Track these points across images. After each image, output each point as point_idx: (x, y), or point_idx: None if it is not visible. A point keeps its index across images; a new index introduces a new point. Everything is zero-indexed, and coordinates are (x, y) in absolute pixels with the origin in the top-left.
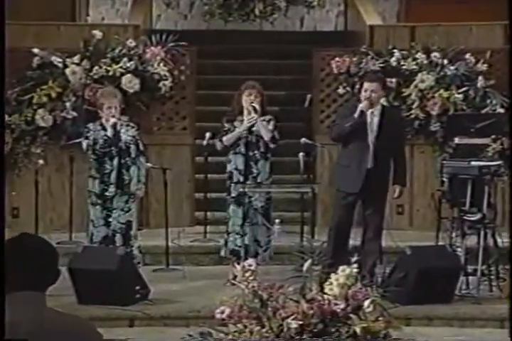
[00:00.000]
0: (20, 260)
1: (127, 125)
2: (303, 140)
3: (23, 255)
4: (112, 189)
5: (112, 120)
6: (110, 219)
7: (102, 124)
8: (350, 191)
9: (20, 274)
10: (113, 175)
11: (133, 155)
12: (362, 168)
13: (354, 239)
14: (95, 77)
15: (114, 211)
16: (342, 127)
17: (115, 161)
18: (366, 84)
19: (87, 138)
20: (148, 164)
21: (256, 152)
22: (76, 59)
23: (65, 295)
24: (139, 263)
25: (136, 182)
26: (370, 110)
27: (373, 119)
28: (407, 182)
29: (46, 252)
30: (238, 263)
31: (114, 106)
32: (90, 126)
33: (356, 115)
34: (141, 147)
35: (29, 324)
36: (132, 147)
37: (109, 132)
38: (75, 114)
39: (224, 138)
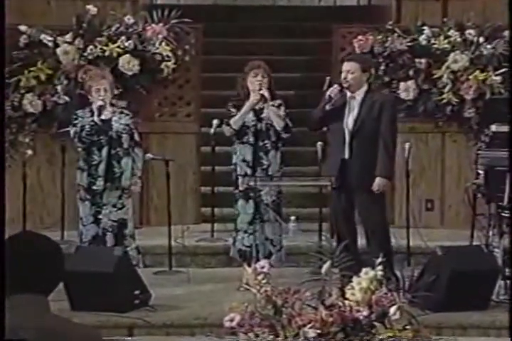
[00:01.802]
0: (21, 260)
1: (121, 112)
2: None
3: (25, 254)
4: (99, 182)
5: (99, 103)
6: (100, 216)
7: (91, 110)
8: (331, 185)
9: (21, 275)
10: (101, 167)
11: (125, 146)
12: (337, 158)
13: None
14: (89, 57)
15: (105, 207)
16: (312, 113)
17: (104, 151)
18: (343, 65)
19: (74, 125)
20: (149, 155)
21: (266, 142)
22: (68, 37)
23: (56, 301)
24: (135, 265)
25: (130, 176)
26: (352, 94)
27: (353, 104)
28: (390, 174)
29: (51, 252)
30: (248, 265)
31: (103, 88)
32: (79, 112)
33: (326, 101)
34: (136, 137)
35: (28, 331)
36: (124, 136)
37: (96, 116)
38: (67, 98)
39: (231, 121)
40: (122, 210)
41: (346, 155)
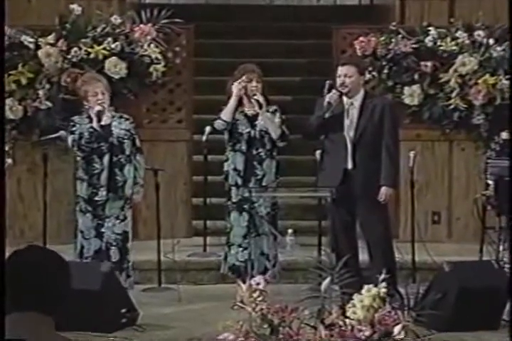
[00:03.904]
0: (26, 276)
1: (120, 117)
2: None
3: (29, 270)
4: (102, 192)
5: (97, 108)
6: (103, 230)
7: (89, 116)
8: (328, 197)
9: (25, 292)
10: (103, 176)
11: (127, 152)
12: (338, 168)
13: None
14: (73, 60)
15: (107, 219)
16: (309, 123)
17: (105, 159)
18: (339, 69)
19: (72, 132)
20: None
21: (260, 150)
22: (51, 39)
23: None
24: (134, 283)
25: (132, 185)
26: (349, 100)
27: (352, 111)
28: (396, 183)
29: (57, 268)
30: (243, 282)
31: (101, 91)
32: (76, 118)
33: (325, 108)
34: (138, 143)
35: None
36: (126, 142)
37: (95, 122)
38: (49, 104)
39: (221, 114)
40: (125, 222)
41: (349, 165)
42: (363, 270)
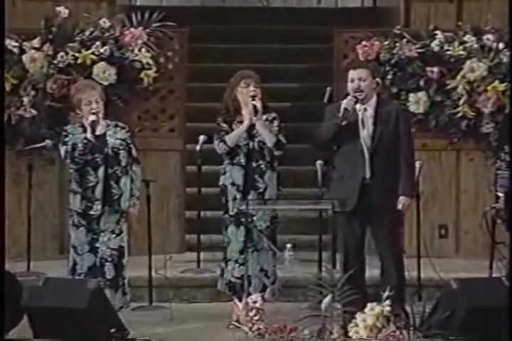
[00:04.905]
0: None
1: (115, 125)
2: None
3: None
4: (97, 206)
5: (91, 117)
6: (97, 244)
7: (83, 126)
8: (344, 209)
9: None
10: (98, 189)
11: (123, 163)
12: (356, 179)
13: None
14: (60, 65)
15: (102, 234)
16: (320, 132)
17: (100, 171)
18: (351, 73)
19: (65, 143)
20: None
21: (261, 162)
22: (36, 43)
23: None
24: (131, 301)
25: (129, 197)
26: (362, 106)
27: (366, 117)
28: (413, 192)
29: (8, 286)
30: (239, 299)
31: (95, 99)
32: (69, 128)
33: (340, 115)
34: (134, 152)
35: None
36: (122, 153)
37: (89, 133)
38: (34, 111)
39: (226, 138)
40: (120, 236)
41: (367, 174)
42: (369, 287)
